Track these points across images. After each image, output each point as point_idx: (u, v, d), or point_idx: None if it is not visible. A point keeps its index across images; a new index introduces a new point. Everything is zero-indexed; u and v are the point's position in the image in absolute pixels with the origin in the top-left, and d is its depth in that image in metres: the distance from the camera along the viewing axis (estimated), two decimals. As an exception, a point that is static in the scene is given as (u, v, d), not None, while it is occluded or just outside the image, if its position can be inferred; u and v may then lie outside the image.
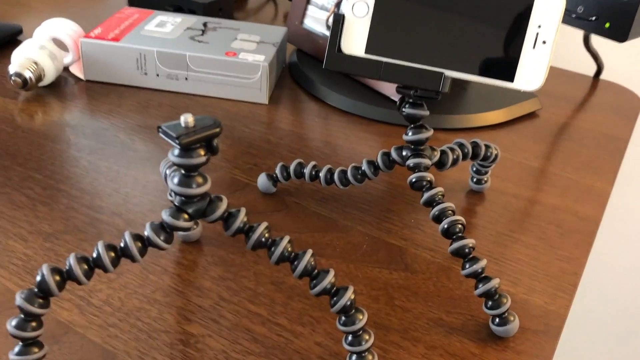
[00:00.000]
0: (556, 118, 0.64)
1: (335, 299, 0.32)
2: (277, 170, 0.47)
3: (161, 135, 0.30)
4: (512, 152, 0.57)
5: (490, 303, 0.36)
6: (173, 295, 0.38)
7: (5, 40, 0.69)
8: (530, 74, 0.38)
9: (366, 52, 0.40)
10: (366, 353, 0.33)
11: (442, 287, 0.41)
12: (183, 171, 0.30)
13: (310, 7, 0.69)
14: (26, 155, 0.51)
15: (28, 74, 0.58)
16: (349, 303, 0.32)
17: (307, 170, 0.46)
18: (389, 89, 0.62)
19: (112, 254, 0.31)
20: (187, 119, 0.29)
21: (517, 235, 0.46)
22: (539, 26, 0.37)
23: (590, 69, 0.80)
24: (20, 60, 0.58)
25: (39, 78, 0.59)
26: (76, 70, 0.64)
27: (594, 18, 0.58)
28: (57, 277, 0.30)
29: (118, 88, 0.63)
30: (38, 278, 0.30)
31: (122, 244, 0.31)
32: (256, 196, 0.48)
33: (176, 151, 0.30)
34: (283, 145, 0.55)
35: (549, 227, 0.47)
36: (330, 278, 0.32)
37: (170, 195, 0.41)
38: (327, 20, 0.65)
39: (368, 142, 0.57)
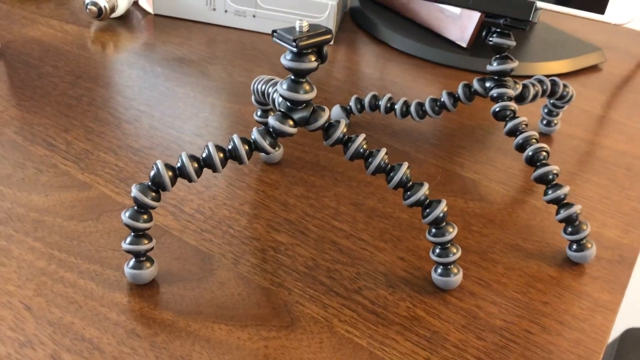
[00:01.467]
0: (620, 72, 0.64)
1: (428, 210, 0.33)
2: (352, 102, 0.48)
3: (276, 39, 0.31)
4: (577, 101, 0.57)
5: (569, 229, 0.37)
6: (260, 208, 0.40)
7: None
8: (622, 6, 0.38)
9: (457, -20, 0.40)
10: (452, 266, 0.35)
11: (517, 217, 0.42)
12: (292, 76, 0.32)
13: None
14: (106, 79, 0.52)
15: (103, 3, 0.59)
16: (441, 215, 0.33)
17: (382, 102, 0.47)
18: (454, 34, 0.63)
19: (221, 155, 0.32)
20: (302, 23, 0.30)
21: (588, 176, 0.47)
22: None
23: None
24: (96, -11, 0.60)
25: (113, 8, 0.60)
26: (145, 4, 0.65)
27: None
28: (170, 173, 0.31)
29: (185, 23, 0.64)
30: (152, 172, 0.31)
31: (230, 146, 0.32)
32: (329, 127, 0.49)
33: (289, 55, 0.31)
34: (351, 83, 0.56)
35: (618, 170, 0.48)
36: (424, 190, 0.33)
37: (257, 116, 0.42)
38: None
39: (435, 84, 0.57)
